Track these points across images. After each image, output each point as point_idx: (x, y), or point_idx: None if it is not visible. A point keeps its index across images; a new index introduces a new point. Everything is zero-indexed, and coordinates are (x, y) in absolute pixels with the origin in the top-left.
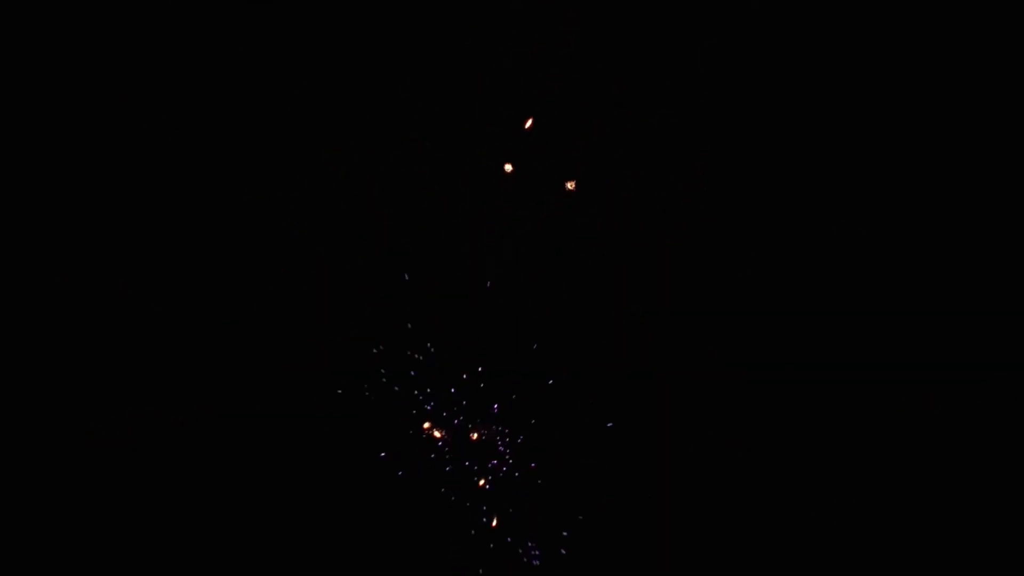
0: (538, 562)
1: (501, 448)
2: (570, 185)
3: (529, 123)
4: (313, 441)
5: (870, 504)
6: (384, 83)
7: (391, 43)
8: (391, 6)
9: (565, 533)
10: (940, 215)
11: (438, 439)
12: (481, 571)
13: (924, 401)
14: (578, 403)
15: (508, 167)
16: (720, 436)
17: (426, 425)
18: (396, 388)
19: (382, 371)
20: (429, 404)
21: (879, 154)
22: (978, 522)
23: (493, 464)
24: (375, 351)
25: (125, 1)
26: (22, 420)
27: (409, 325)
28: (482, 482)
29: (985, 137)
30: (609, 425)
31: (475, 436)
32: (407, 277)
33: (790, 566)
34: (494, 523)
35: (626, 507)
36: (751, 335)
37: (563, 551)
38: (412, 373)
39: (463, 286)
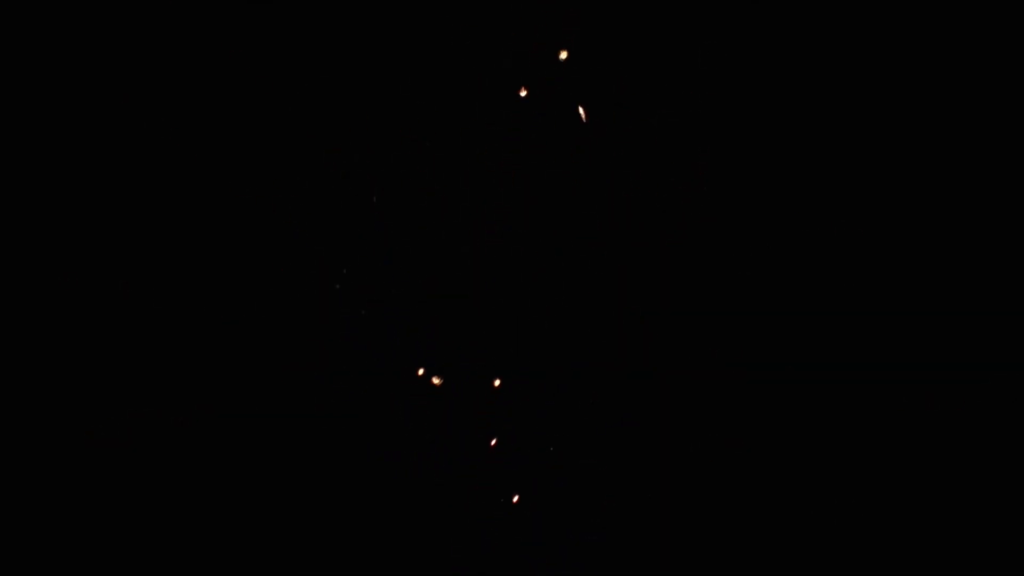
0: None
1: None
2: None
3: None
4: (313, 440)
5: (870, 504)
6: (384, 83)
7: (391, 43)
8: (391, 6)
9: (564, 533)
10: (940, 215)
11: (438, 386)
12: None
13: (924, 401)
14: (577, 403)
15: (523, 92)
16: (720, 436)
17: (421, 371)
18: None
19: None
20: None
21: (879, 154)
22: (978, 522)
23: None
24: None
25: (125, 1)
26: (22, 420)
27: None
28: (494, 441)
29: (985, 137)
30: (620, 423)
31: (497, 384)
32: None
33: (790, 566)
34: (515, 498)
35: (626, 507)
36: (751, 335)
37: (562, 551)
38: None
39: (463, 286)
